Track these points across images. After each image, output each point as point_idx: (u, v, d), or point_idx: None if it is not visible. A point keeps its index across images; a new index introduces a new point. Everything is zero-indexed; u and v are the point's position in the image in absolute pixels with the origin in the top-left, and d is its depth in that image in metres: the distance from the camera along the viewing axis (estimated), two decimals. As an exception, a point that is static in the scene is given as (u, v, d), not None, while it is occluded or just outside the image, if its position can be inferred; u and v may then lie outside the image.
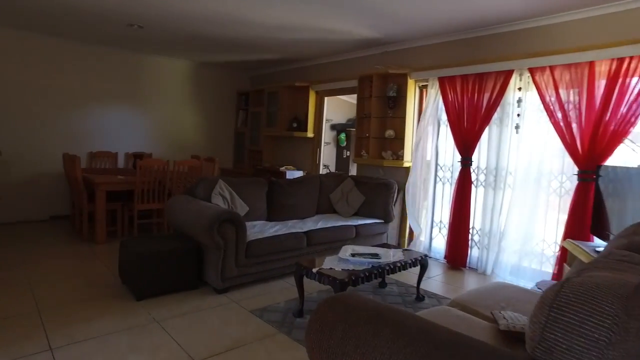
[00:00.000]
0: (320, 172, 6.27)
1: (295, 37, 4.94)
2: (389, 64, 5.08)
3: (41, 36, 5.33)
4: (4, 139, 5.13)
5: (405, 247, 4.79)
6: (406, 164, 4.88)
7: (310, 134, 6.17)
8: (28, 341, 2.35)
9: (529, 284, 3.76)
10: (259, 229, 3.71)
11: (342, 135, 8.23)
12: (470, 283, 3.93)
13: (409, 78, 4.84)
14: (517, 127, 3.95)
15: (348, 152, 8.36)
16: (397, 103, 4.99)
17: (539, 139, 3.83)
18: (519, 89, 3.95)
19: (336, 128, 8.09)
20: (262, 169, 6.43)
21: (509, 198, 4.01)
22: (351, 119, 8.46)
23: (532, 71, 3.78)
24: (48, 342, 2.36)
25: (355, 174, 5.68)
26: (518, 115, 3.96)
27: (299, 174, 6.15)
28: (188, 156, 6.81)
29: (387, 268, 2.90)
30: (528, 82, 3.90)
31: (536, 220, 3.87)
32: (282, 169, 6.13)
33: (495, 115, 4.11)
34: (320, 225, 4.06)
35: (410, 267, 3.14)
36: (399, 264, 3.00)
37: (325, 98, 6.27)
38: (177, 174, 4.89)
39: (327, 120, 6.55)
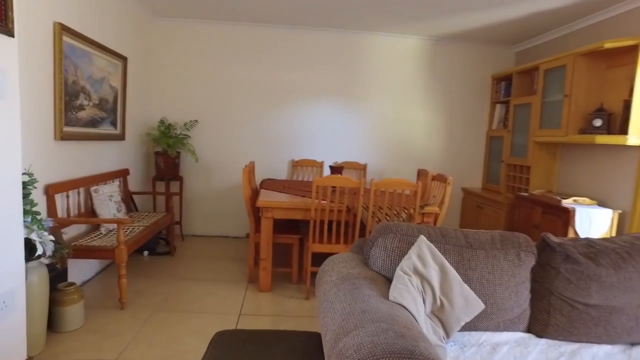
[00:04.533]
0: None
1: None
2: None
3: (236, 24, 4.61)
4: (201, 144, 4.67)
5: None
6: None
7: (632, 140, 3.20)
8: None
9: None
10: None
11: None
12: None
13: None
14: None
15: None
16: None
17: None
18: None
19: None
20: (528, 197, 3.85)
21: None
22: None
23: None
24: None
25: None
26: None
27: (606, 215, 3.29)
28: (414, 169, 4.96)
29: None
30: None
31: None
32: (568, 202, 3.41)
33: None
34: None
35: None
36: None
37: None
38: (377, 198, 3.09)
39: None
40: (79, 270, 3.11)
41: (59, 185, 2.68)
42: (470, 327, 1.77)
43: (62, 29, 2.66)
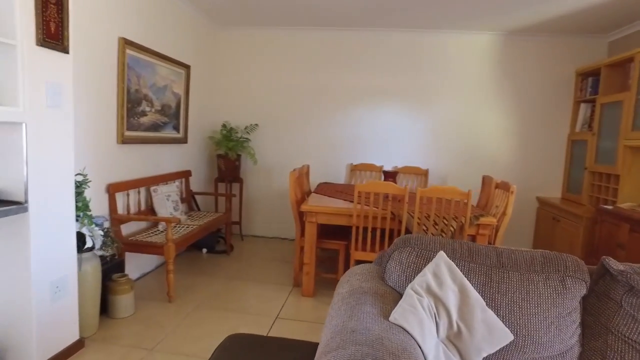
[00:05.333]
0: None
1: None
2: None
3: (293, 29, 4.64)
4: (261, 147, 4.80)
5: None
6: None
7: None
8: None
9: None
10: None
11: None
12: None
13: None
14: None
15: None
16: None
17: None
18: None
19: None
20: (612, 211, 3.31)
21: None
22: None
23: None
24: None
25: None
26: None
27: None
28: (481, 176, 4.57)
29: None
30: None
31: None
32: (661, 218, 2.86)
33: None
34: None
35: None
36: None
37: None
38: (424, 206, 2.90)
39: None
40: (142, 264, 3.38)
41: (119, 184, 2.95)
42: (498, 359, 1.55)
43: (125, 43, 2.92)
